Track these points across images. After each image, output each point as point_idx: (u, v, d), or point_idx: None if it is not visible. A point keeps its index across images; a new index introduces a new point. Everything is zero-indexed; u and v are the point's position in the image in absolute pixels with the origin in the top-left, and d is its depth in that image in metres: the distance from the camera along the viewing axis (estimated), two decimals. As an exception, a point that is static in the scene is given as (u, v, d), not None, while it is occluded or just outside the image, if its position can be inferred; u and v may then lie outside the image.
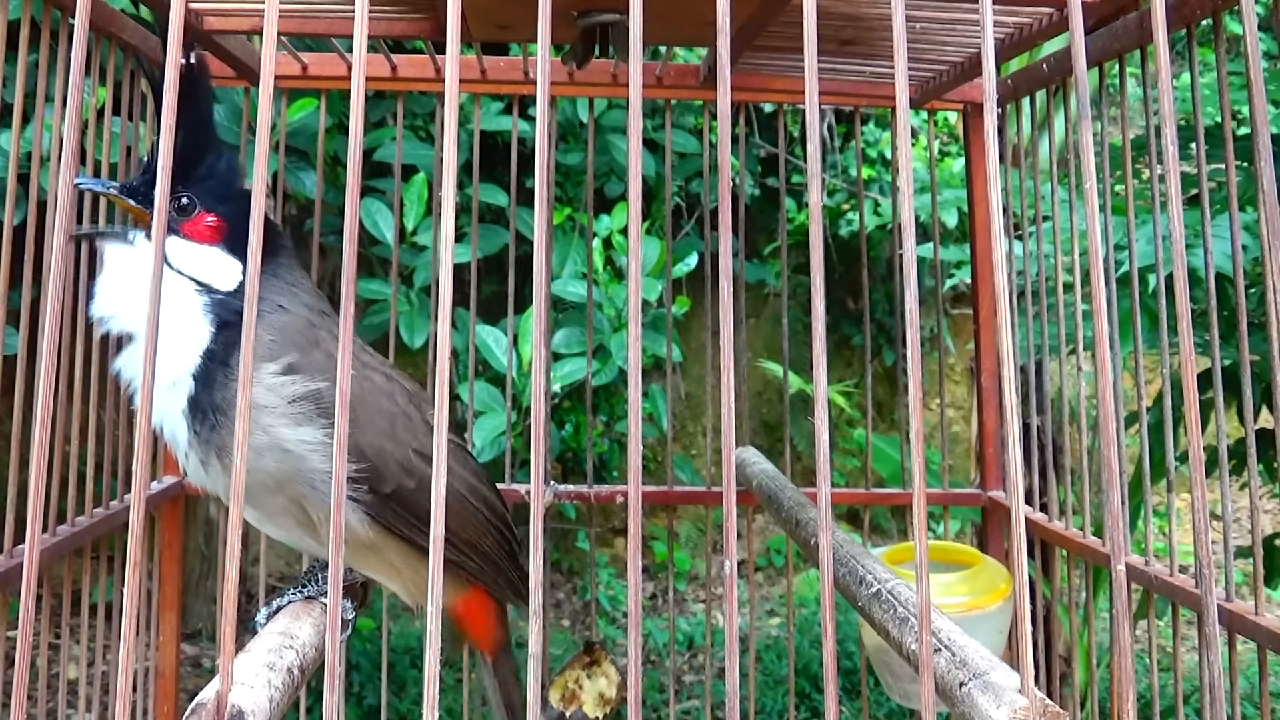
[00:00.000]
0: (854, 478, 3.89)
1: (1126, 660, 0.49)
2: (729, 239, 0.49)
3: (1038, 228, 1.28)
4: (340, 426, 0.47)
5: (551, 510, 1.60)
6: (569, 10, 0.90)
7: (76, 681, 1.35)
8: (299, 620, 0.76)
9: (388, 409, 0.83)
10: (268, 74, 0.50)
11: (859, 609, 0.84)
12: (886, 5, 0.98)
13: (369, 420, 0.82)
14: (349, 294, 0.48)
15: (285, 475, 0.77)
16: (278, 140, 1.43)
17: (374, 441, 0.80)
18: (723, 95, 0.50)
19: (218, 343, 0.78)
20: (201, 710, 0.51)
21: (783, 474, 1.26)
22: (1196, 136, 0.99)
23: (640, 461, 0.48)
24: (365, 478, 0.79)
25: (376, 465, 0.80)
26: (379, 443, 0.81)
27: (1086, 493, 1.20)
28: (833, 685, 0.47)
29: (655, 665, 3.28)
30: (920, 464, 0.51)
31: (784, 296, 1.39)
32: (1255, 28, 0.62)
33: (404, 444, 0.82)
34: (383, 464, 0.80)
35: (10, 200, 1.01)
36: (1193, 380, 0.54)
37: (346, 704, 2.78)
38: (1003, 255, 0.51)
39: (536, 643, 0.46)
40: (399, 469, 0.81)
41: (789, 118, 3.41)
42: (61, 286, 0.51)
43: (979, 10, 0.52)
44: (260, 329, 0.77)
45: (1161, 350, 1.09)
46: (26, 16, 0.99)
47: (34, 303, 0.89)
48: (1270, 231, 0.71)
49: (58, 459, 1.05)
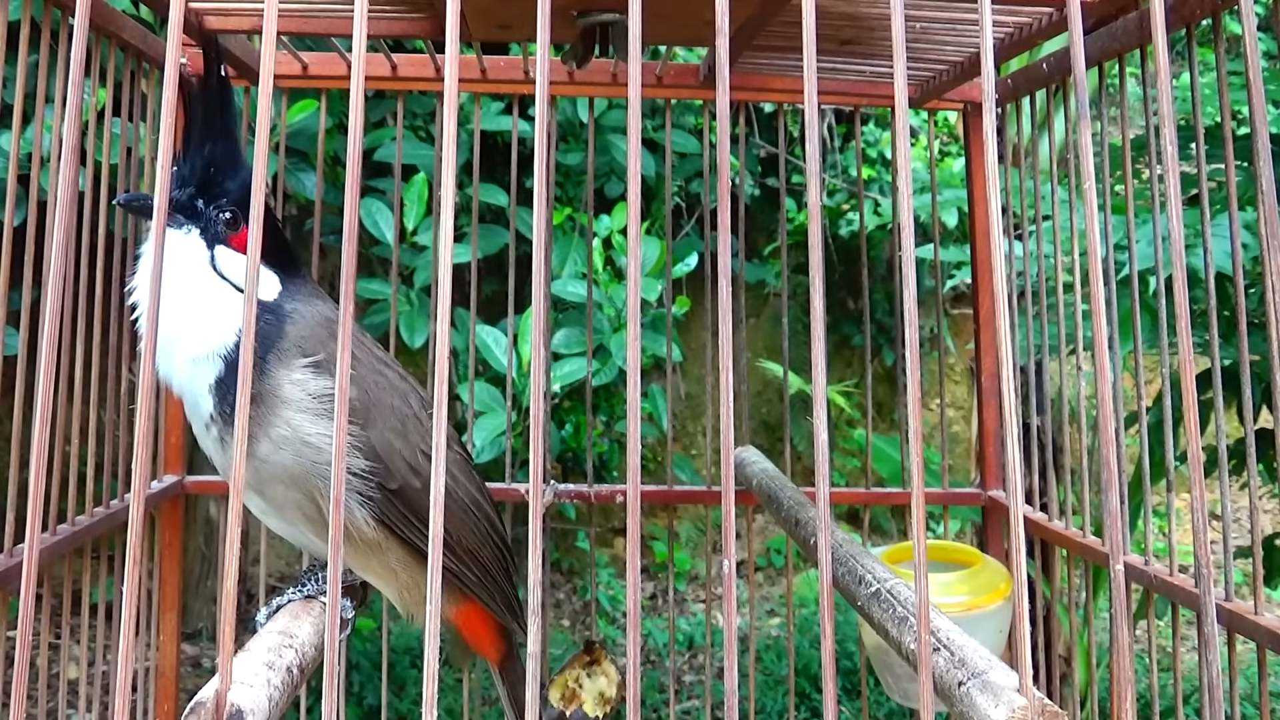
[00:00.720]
0: (854, 477, 3.89)
1: (1126, 659, 0.49)
2: (729, 239, 0.49)
3: (1038, 227, 1.28)
4: (340, 424, 0.47)
5: (551, 510, 1.60)
6: (569, 10, 0.90)
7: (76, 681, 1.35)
8: (298, 619, 0.76)
9: (400, 409, 0.85)
10: (267, 74, 0.50)
11: (858, 608, 0.84)
12: (886, 5, 0.98)
13: (382, 418, 0.83)
14: (349, 293, 0.48)
15: (302, 469, 0.79)
16: (278, 140, 1.43)
17: (385, 439, 0.82)
18: (722, 95, 0.50)
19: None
20: (201, 709, 0.51)
21: (783, 474, 1.26)
22: (1196, 136, 0.99)
23: (640, 461, 0.48)
24: (374, 475, 0.81)
25: (386, 463, 0.81)
26: (390, 440, 0.82)
27: (1086, 492, 1.20)
28: (832, 685, 0.47)
29: (655, 665, 3.28)
30: (919, 464, 0.51)
31: (784, 296, 1.39)
32: (1255, 28, 0.62)
33: (413, 445, 0.84)
34: (392, 462, 0.82)
35: (10, 200, 1.01)
36: (1192, 380, 0.54)
37: (346, 704, 2.78)
38: (1002, 255, 0.51)
39: (536, 642, 0.47)
40: (406, 468, 0.83)
41: (789, 118, 3.41)
42: (61, 286, 0.51)
43: (978, 10, 0.52)
44: (290, 327, 0.82)
45: (1161, 350, 1.09)
46: (26, 16, 0.99)
47: (34, 303, 0.89)
48: (1270, 232, 0.71)
49: (58, 459, 1.05)
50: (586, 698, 1.15)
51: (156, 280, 0.50)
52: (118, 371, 1.20)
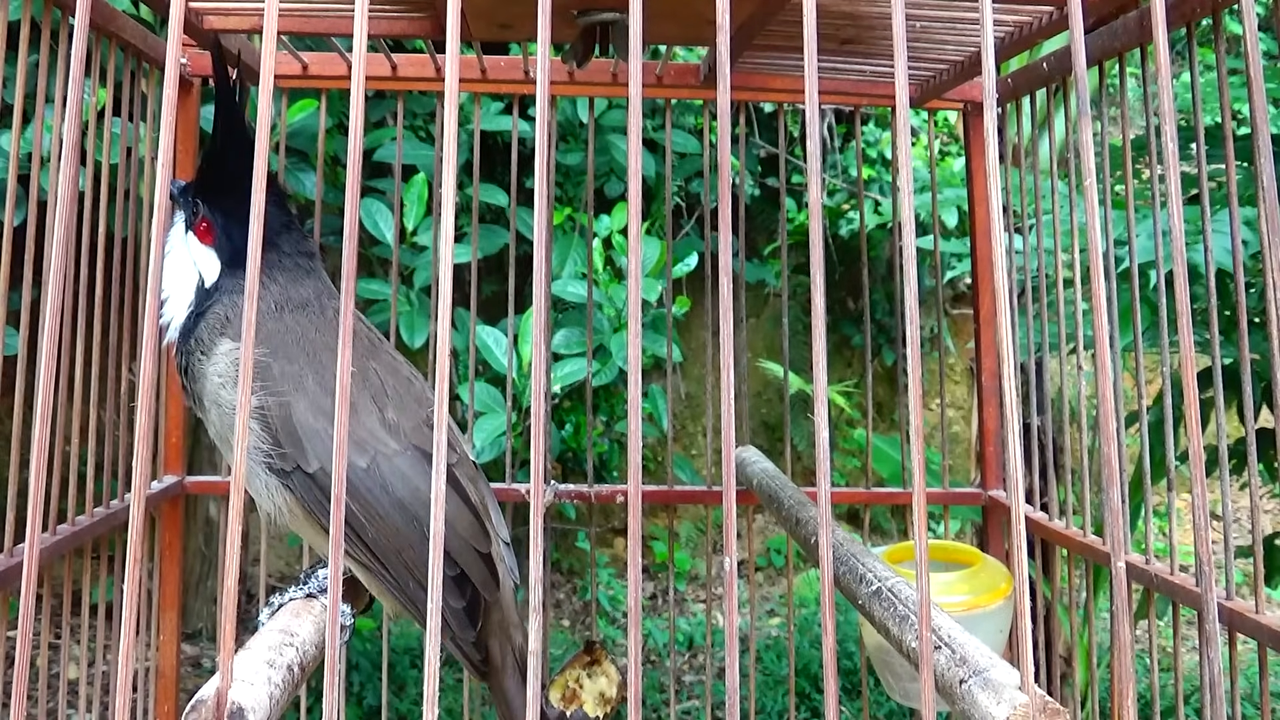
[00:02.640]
0: (854, 477, 3.89)
1: (1126, 657, 0.49)
2: (729, 239, 0.49)
3: (1038, 226, 1.28)
4: (340, 419, 0.47)
5: (552, 510, 1.60)
6: (569, 9, 0.90)
7: (76, 681, 1.35)
8: (299, 618, 0.76)
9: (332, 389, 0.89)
10: (268, 73, 0.50)
11: (859, 607, 0.84)
12: (886, 4, 0.98)
13: (306, 398, 0.87)
14: (349, 292, 0.48)
15: (219, 431, 0.91)
16: (278, 140, 1.43)
17: (305, 419, 0.86)
18: (722, 94, 0.50)
19: (191, 319, 0.94)
20: (201, 707, 0.51)
21: (783, 473, 1.26)
22: (1196, 136, 0.99)
23: (640, 461, 0.48)
24: (280, 452, 0.87)
25: (305, 443, 0.86)
26: (309, 420, 0.86)
27: (1087, 492, 1.20)
28: (833, 684, 0.47)
29: (655, 665, 3.28)
30: (920, 463, 0.51)
31: (784, 296, 1.39)
32: (1255, 27, 0.62)
33: (354, 430, 0.87)
34: (310, 443, 0.86)
35: (10, 200, 1.01)
36: (1193, 379, 0.54)
37: (346, 704, 2.78)
38: (1003, 254, 0.51)
39: (536, 640, 0.47)
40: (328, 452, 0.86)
41: (789, 117, 3.41)
42: (61, 286, 0.51)
43: (979, 9, 0.52)
44: (219, 307, 0.92)
45: (1162, 349, 1.09)
46: (26, 16, 0.99)
47: (34, 303, 0.89)
48: (1270, 230, 0.71)
49: (58, 458, 1.05)
50: (586, 698, 1.15)
51: (157, 280, 0.50)
52: (118, 371, 1.20)
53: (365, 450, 0.87)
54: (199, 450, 2.99)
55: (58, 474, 1.05)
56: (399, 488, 0.87)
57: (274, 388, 0.86)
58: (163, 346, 0.95)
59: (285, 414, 0.86)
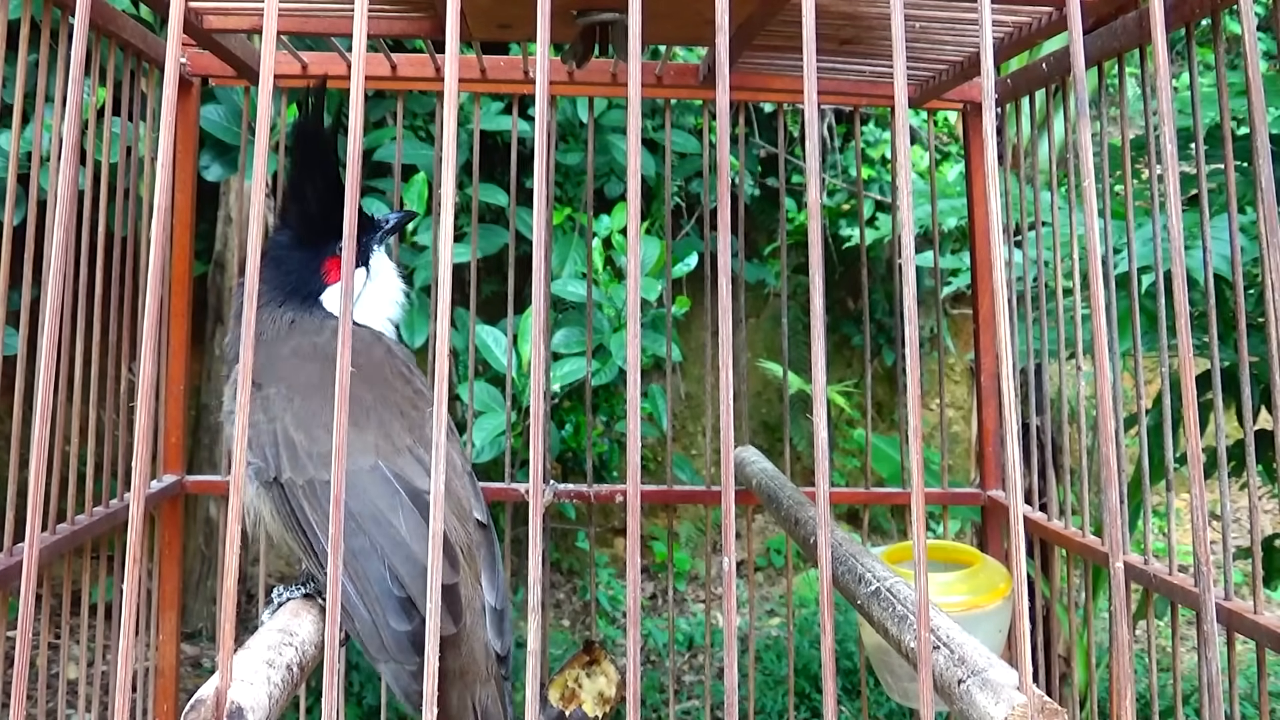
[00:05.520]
0: (854, 477, 3.89)
1: (1125, 657, 0.49)
2: (729, 239, 0.49)
3: (1037, 231, 1.28)
4: (340, 422, 0.47)
5: (551, 510, 1.60)
6: (568, 9, 0.90)
7: (76, 681, 1.35)
8: (299, 618, 0.76)
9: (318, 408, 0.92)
10: (267, 73, 0.50)
11: (858, 607, 0.84)
12: (886, 4, 0.98)
13: (287, 412, 0.90)
14: (349, 291, 0.48)
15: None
16: (277, 140, 1.43)
17: (285, 431, 0.89)
18: (722, 94, 0.50)
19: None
20: (201, 706, 0.51)
21: (782, 473, 1.26)
22: (1195, 137, 0.99)
23: (640, 461, 0.48)
24: (262, 463, 0.89)
25: (282, 453, 0.88)
26: (289, 433, 0.89)
27: (1086, 492, 1.20)
28: (832, 684, 0.47)
29: (655, 665, 3.28)
30: (919, 463, 0.51)
31: (784, 296, 1.39)
32: (1254, 28, 0.62)
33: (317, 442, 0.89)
34: (285, 453, 0.88)
35: (10, 200, 1.01)
36: (1191, 381, 0.54)
37: (346, 704, 2.78)
38: (1001, 254, 0.51)
39: (535, 640, 0.47)
40: (293, 464, 0.89)
41: (789, 117, 3.41)
42: (61, 286, 0.52)
43: (978, 9, 0.52)
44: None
45: (1161, 351, 1.09)
46: (26, 16, 0.99)
47: (34, 302, 0.89)
48: (1268, 231, 0.71)
49: (58, 458, 1.05)
50: (586, 698, 1.15)
51: (158, 279, 0.50)
52: (118, 371, 1.20)
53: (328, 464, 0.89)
54: (199, 450, 2.99)
55: (57, 473, 1.05)
56: (353, 503, 0.87)
57: (271, 410, 0.90)
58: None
59: (273, 428, 0.90)
